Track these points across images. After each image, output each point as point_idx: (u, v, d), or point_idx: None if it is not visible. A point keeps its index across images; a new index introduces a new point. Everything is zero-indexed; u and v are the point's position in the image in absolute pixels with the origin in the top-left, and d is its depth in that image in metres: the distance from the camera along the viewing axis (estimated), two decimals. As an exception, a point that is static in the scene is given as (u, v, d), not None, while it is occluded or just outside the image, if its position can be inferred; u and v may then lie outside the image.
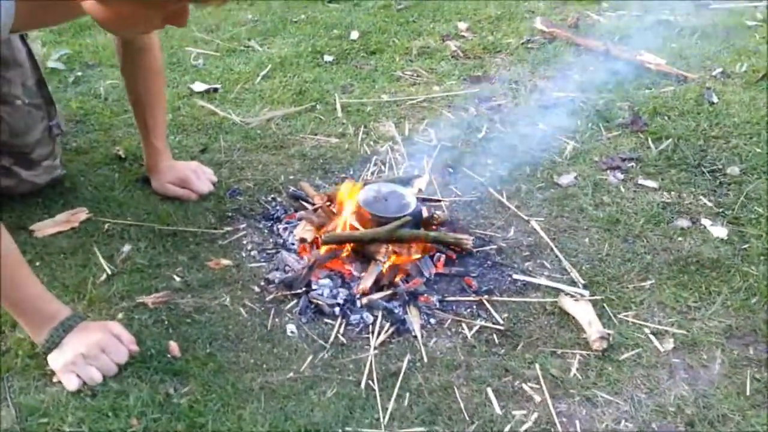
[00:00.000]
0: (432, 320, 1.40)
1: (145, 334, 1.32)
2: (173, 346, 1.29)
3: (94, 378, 1.21)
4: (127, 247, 1.52)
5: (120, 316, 1.35)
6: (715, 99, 2.12)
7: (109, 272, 1.45)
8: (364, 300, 1.42)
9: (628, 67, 2.29)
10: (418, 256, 1.52)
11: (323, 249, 1.50)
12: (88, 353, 1.21)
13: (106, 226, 1.58)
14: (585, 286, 1.48)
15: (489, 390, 1.26)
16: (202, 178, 1.72)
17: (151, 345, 1.29)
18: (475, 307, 1.44)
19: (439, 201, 1.70)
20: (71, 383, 1.20)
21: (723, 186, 1.78)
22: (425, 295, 1.45)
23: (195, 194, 1.70)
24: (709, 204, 1.72)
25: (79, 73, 2.21)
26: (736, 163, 1.85)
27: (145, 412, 1.17)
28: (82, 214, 1.60)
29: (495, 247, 1.58)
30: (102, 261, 1.48)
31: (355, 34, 2.51)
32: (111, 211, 1.62)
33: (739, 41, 2.45)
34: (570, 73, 2.27)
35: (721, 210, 1.70)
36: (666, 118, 2.03)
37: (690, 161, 1.85)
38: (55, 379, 1.22)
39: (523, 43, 2.47)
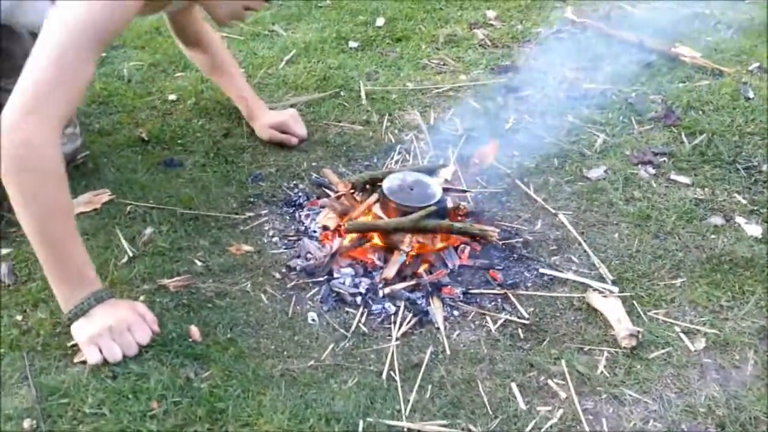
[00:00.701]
0: (455, 312, 1.38)
1: (166, 318, 1.30)
2: (194, 330, 1.28)
3: (115, 356, 1.20)
4: (149, 230, 1.50)
5: (141, 298, 1.34)
6: (751, 94, 2.06)
7: (131, 254, 1.44)
8: (387, 290, 1.39)
9: (661, 59, 2.23)
10: (443, 246, 1.49)
11: (347, 237, 1.48)
12: (115, 327, 1.21)
13: (128, 208, 1.57)
14: (614, 282, 1.44)
15: (513, 385, 1.23)
16: (299, 122, 1.84)
17: (172, 328, 1.28)
18: (499, 300, 1.41)
19: (465, 192, 1.67)
20: (93, 356, 1.19)
21: (758, 183, 1.73)
22: (449, 286, 1.42)
23: (295, 138, 1.81)
24: (744, 201, 1.67)
25: (103, 54, 2.20)
26: (772, 160, 1.80)
27: (165, 396, 1.16)
28: (105, 195, 1.59)
29: (521, 240, 1.55)
30: (124, 243, 1.47)
31: (380, 21, 2.47)
32: (133, 193, 1.61)
33: (777, 36, 2.39)
34: (601, 64, 2.22)
35: (755, 208, 1.65)
36: (700, 112, 1.98)
37: (724, 157, 1.80)
38: (76, 360, 1.21)
39: (553, 33, 2.42)
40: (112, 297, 1.26)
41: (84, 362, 1.20)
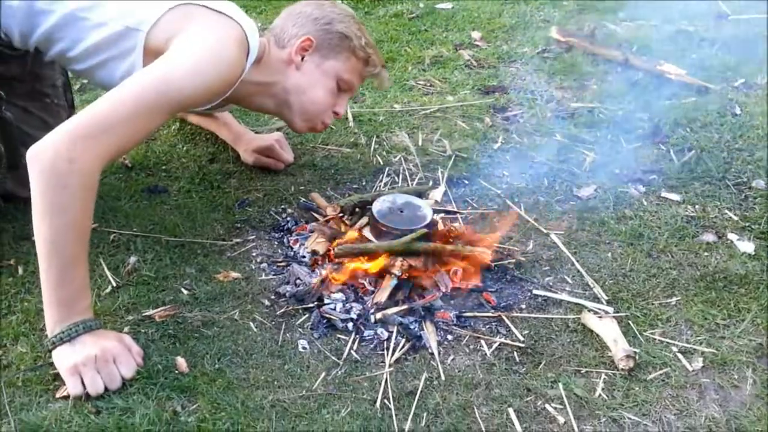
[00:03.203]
0: (449, 337, 1.35)
1: (151, 349, 1.27)
2: (181, 361, 1.24)
3: (98, 388, 1.17)
4: (133, 259, 1.47)
5: (126, 329, 1.30)
6: (738, 110, 2.06)
7: (115, 284, 1.41)
8: (379, 315, 1.36)
9: (647, 77, 2.24)
10: (434, 269, 1.46)
11: (336, 262, 1.45)
12: (100, 357, 1.18)
13: (111, 236, 1.53)
14: (608, 302, 1.42)
15: (510, 410, 1.20)
16: (285, 147, 1.81)
17: (158, 360, 1.24)
18: (493, 323, 1.38)
19: (456, 213, 1.65)
20: (75, 387, 1.16)
21: (748, 199, 1.73)
22: (442, 310, 1.39)
23: (281, 163, 1.78)
24: (735, 218, 1.66)
25: (85, 81, 2.17)
26: (762, 176, 1.79)
27: (151, 431, 1.11)
28: (88, 223, 1.55)
29: (513, 261, 1.53)
30: (107, 273, 1.43)
31: (366, 43, 2.46)
32: (117, 221, 1.58)
33: (761, 52, 2.40)
34: (587, 83, 2.22)
35: (747, 224, 1.64)
36: (688, 129, 1.98)
37: (714, 174, 1.80)
38: (57, 395, 1.17)
39: (538, 53, 2.43)
40: (100, 328, 1.23)
41: (66, 397, 1.16)
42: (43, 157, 1.15)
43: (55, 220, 1.16)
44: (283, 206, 1.68)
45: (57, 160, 1.15)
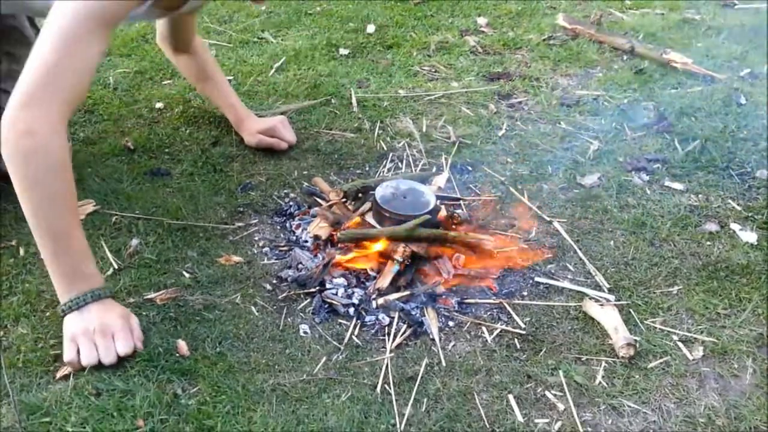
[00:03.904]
0: (450, 323, 1.35)
1: (152, 332, 1.27)
2: (181, 344, 1.24)
3: (91, 359, 1.18)
4: (135, 241, 1.47)
5: (127, 312, 1.30)
6: (743, 100, 2.05)
7: (116, 267, 1.41)
8: (380, 300, 1.36)
9: (653, 65, 2.23)
10: (437, 255, 1.46)
11: (338, 247, 1.45)
12: (99, 330, 1.19)
13: (113, 219, 1.53)
14: (610, 291, 1.42)
15: (510, 397, 1.21)
16: (288, 127, 1.82)
17: (159, 343, 1.24)
18: (495, 310, 1.38)
19: (459, 200, 1.65)
20: (69, 354, 1.18)
21: (752, 189, 1.72)
22: (444, 296, 1.39)
23: (284, 143, 1.79)
24: (738, 208, 1.66)
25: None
26: (766, 166, 1.78)
27: (151, 413, 1.12)
28: (89, 206, 1.55)
29: (516, 248, 1.52)
30: (109, 255, 1.43)
31: (371, 28, 2.45)
32: (119, 203, 1.58)
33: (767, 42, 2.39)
34: (593, 71, 2.21)
35: (750, 214, 1.64)
36: (693, 118, 1.97)
37: (718, 163, 1.79)
38: (58, 375, 1.18)
39: (544, 40, 2.41)
40: (109, 297, 1.24)
41: (66, 377, 1.17)
42: (4, 134, 1.12)
43: (34, 196, 1.14)
44: (285, 191, 1.68)
45: (17, 137, 1.11)
